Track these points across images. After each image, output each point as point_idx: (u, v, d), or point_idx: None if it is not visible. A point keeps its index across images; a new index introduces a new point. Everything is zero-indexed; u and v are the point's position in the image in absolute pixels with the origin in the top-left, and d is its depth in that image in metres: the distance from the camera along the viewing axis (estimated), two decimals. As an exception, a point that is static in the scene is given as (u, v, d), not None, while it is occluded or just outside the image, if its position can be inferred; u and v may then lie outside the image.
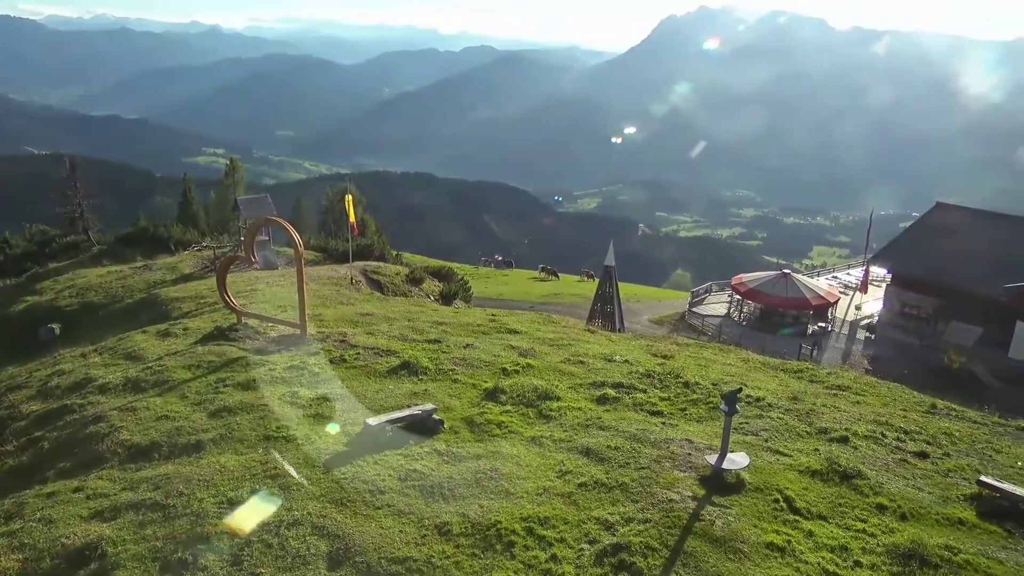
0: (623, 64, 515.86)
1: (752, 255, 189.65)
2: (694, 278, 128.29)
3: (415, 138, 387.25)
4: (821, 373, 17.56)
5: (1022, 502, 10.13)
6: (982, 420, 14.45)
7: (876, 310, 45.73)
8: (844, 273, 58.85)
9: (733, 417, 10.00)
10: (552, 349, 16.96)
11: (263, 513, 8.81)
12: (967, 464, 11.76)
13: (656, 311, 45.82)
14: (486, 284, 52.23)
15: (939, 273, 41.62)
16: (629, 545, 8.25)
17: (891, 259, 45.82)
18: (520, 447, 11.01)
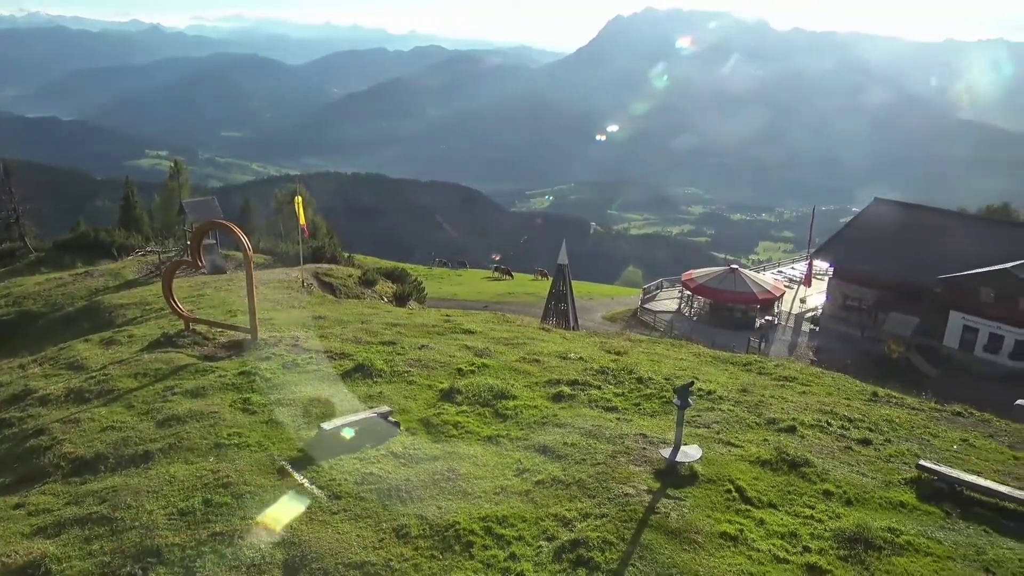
0: (573, 64, 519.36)
1: (701, 251, 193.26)
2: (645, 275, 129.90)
3: (365, 138, 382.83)
4: (769, 365, 18.02)
5: (958, 484, 10.60)
6: (920, 406, 15.06)
7: (820, 303, 47.15)
8: (789, 267, 60.53)
9: (685, 411, 10.22)
10: (507, 348, 17.01)
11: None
12: (907, 449, 12.24)
13: (609, 308, 46.33)
14: (440, 284, 52.03)
15: (878, 266, 43.14)
16: (587, 540, 8.36)
17: (833, 253, 47.31)
18: (477, 447, 11.03)
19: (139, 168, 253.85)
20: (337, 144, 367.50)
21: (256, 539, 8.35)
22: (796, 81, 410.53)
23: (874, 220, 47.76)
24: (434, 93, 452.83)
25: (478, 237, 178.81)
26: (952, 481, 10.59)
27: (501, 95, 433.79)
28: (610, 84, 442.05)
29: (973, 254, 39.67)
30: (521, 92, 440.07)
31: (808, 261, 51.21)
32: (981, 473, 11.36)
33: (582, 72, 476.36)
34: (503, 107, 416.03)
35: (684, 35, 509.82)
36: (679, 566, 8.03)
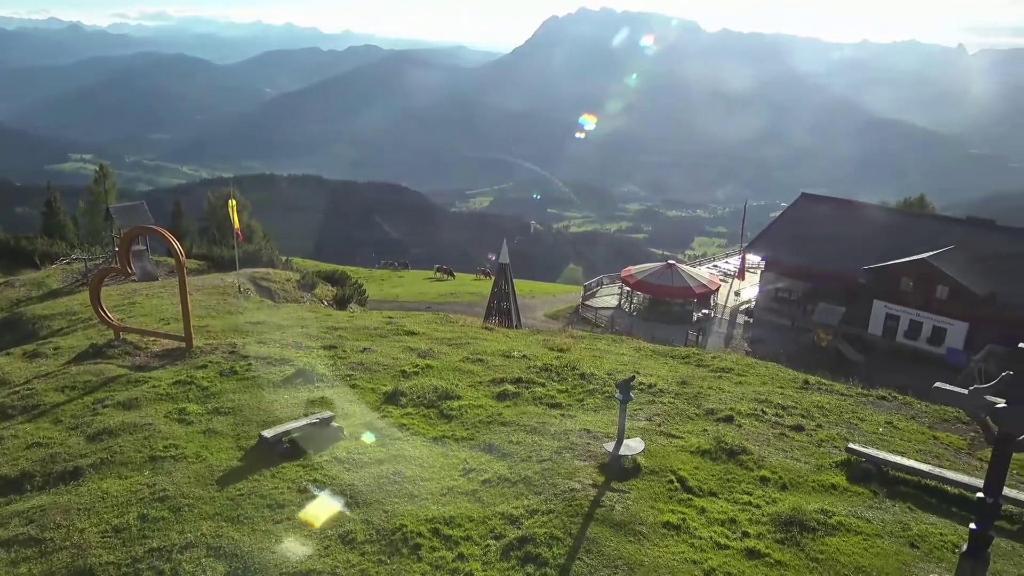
0: (509, 63, 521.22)
1: (639, 248, 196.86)
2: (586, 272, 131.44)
3: (302, 140, 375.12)
4: (707, 357, 18.51)
5: (884, 465, 11.14)
6: (848, 392, 15.73)
7: (753, 295, 48.67)
8: (723, 262, 62.23)
9: (628, 404, 10.41)
10: (451, 348, 16.99)
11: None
12: (837, 433, 12.78)
13: (551, 306, 46.72)
14: (381, 286, 51.48)
15: (806, 259, 44.81)
16: (534, 537, 8.45)
17: (764, 248, 48.92)
18: (423, 448, 10.99)
19: (62, 173, 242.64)
20: (272, 145, 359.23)
21: (196, 553, 8.14)
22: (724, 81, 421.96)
23: (801, 215, 49.59)
24: (371, 93, 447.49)
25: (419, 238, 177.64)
26: (879, 462, 11.12)
27: (438, 95, 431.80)
28: (546, 84, 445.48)
29: (894, 245, 41.61)
30: (458, 92, 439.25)
31: (741, 256, 52.78)
32: (905, 453, 11.95)
33: (518, 72, 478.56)
34: (440, 107, 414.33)
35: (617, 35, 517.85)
36: (624, 557, 8.20)
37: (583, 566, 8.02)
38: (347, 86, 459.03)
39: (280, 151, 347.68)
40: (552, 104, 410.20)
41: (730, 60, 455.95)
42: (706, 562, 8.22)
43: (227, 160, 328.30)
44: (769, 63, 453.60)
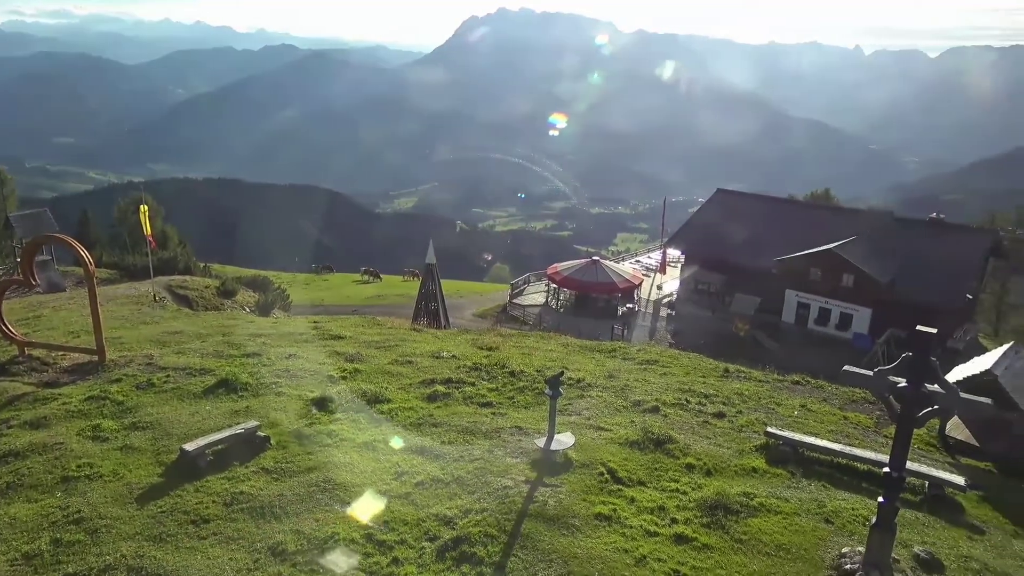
0: (429, 63, 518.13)
1: (564, 245, 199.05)
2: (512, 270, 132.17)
3: (217, 141, 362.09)
4: (632, 350, 18.98)
5: (800, 446, 11.72)
6: (765, 378, 16.46)
7: (674, 288, 50.10)
8: (645, 257, 63.85)
9: (557, 400, 10.59)
10: (379, 351, 16.81)
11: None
12: (756, 419, 13.36)
13: (479, 305, 46.76)
14: (306, 291, 50.27)
15: (723, 252, 46.47)
16: (469, 536, 8.48)
17: (683, 242, 50.43)
18: (353, 454, 10.85)
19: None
20: (186, 148, 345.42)
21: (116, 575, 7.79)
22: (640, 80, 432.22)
23: (717, 209, 51.38)
24: (289, 93, 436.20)
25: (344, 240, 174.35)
26: (795, 444, 11.70)
27: (358, 95, 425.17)
28: (467, 83, 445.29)
29: (803, 237, 43.63)
30: (379, 92, 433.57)
31: (662, 250, 54.21)
32: (818, 434, 12.61)
33: (439, 71, 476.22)
34: (361, 107, 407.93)
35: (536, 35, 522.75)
36: (559, 551, 8.34)
37: (518, 562, 8.11)
38: (264, 86, 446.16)
39: (195, 154, 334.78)
40: (473, 103, 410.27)
41: (646, 60, 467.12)
42: (637, 550, 8.45)
43: (138, 164, 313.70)
44: (684, 63, 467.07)
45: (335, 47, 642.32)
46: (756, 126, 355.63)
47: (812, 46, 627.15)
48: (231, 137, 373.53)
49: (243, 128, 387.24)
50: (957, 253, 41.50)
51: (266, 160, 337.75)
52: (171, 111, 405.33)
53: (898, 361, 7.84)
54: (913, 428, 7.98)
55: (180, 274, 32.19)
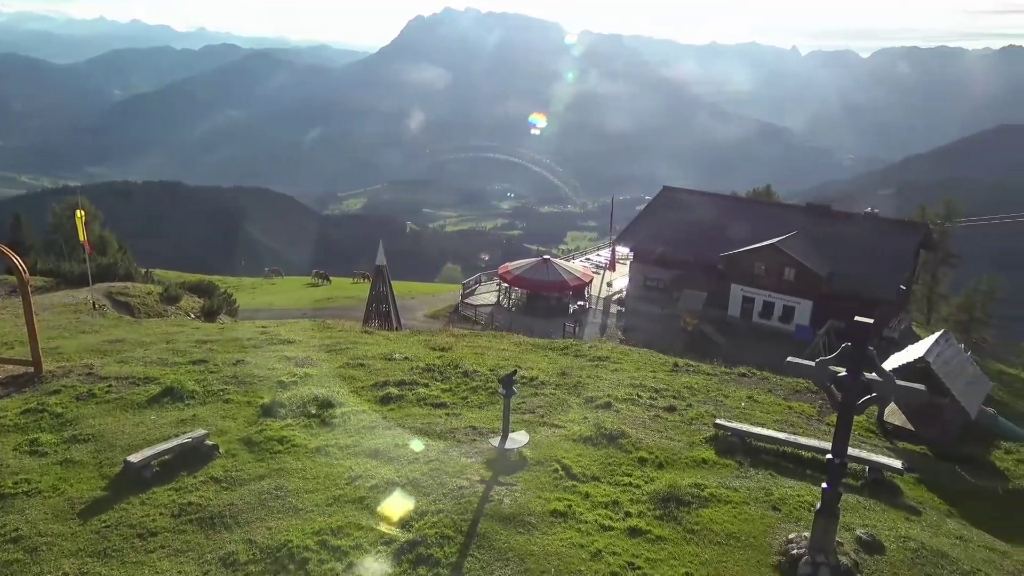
0: (375, 63, 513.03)
1: (515, 244, 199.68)
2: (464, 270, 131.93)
3: (158, 144, 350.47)
4: (584, 348, 19.19)
5: (748, 436, 12.04)
6: (713, 371, 16.85)
7: (624, 285, 50.76)
8: (595, 255, 64.47)
9: (511, 399, 10.64)
10: (330, 355, 16.60)
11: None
12: (705, 411, 13.67)
13: (431, 306, 46.50)
14: (253, 295, 49.18)
15: (670, 248, 47.31)
16: (425, 539, 8.45)
17: (631, 239, 51.13)
18: (305, 460, 10.69)
19: None
20: (125, 151, 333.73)
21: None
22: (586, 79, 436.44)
23: (664, 207, 52.27)
24: (231, 94, 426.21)
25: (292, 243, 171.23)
26: (743, 434, 12.01)
27: (303, 95, 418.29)
28: (414, 83, 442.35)
29: (746, 232, 44.73)
30: (324, 92, 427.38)
31: (611, 248, 54.85)
32: (765, 424, 12.98)
33: (385, 71, 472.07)
34: (306, 107, 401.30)
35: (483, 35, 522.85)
36: (515, 549, 8.38)
37: (475, 562, 8.13)
38: (205, 86, 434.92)
39: (133, 156, 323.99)
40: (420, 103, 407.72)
41: (590, 60, 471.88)
42: (592, 545, 8.56)
43: (73, 168, 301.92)
44: (629, 63, 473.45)
45: (278, 46, 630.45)
46: (698, 125, 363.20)
47: (751, 46, 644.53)
48: (173, 139, 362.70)
49: (185, 129, 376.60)
50: (891, 246, 43.18)
51: (210, 162, 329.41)
52: (108, 112, 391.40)
53: (838, 351, 8.14)
54: (853, 415, 8.29)
55: (121, 280, 31.13)
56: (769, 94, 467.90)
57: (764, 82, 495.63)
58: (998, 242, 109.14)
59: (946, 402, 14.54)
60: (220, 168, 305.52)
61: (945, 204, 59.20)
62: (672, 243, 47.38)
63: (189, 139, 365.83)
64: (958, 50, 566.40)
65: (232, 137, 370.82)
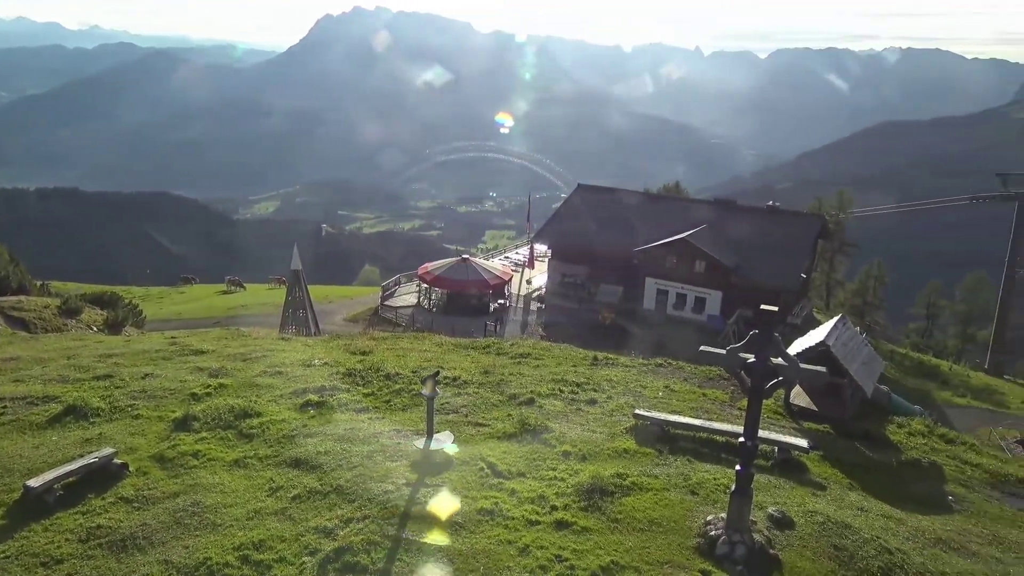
0: (283, 63, 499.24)
1: (433, 244, 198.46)
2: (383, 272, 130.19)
3: (51, 148, 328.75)
4: (505, 345, 19.35)
5: (666, 425, 12.46)
6: (631, 363, 17.33)
7: (543, 282, 51.37)
8: (514, 253, 64.88)
9: (435, 400, 10.63)
10: (245, 364, 16.10)
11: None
12: (625, 402, 14.04)
13: (350, 309, 45.64)
14: (160, 305, 46.94)
15: (586, 244, 48.20)
16: (352, 546, 8.34)
17: (549, 237, 51.82)
18: (223, 474, 10.35)
19: None
20: (14, 156, 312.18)
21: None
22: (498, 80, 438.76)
23: (579, 204, 53.20)
24: (130, 95, 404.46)
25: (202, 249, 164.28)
26: (661, 423, 12.42)
27: (208, 96, 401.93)
28: (324, 83, 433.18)
29: (659, 227, 46.09)
30: (231, 93, 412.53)
31: (529, 245, 55.38)
32: (681, 412, 13.46)
33: (294, 71, 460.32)
34: (211, 109, 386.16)
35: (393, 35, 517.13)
36: (444, 550, 8.39)
37: (403, 566, 8.09)
38: (102, 87, 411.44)
39: (24, 162, 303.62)
40: (330, 103, 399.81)
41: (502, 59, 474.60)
42: (520, 540, 8.67)
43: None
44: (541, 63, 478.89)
45: (180, 45, 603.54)
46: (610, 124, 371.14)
47: (656, 47, 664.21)
48: (69, 143, 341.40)
49: (81, 133, 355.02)
50: (791, 237, 45.49)
51: (109, 167, 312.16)
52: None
53: (747, 339, 8.55)
54: (762, 399, 8.73)
55: (13, 294, 29.22)
56: (675, 93, 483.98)
57: (670, 82, 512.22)
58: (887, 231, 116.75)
59: (845, 382, 15.47)
60: (122, 173, 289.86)
61: (838, 196, 62.76)
62: (588, 239, 48.28)
63: (87, 143, 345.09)
64: (846, 51, 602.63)
65: (134, 140, 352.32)
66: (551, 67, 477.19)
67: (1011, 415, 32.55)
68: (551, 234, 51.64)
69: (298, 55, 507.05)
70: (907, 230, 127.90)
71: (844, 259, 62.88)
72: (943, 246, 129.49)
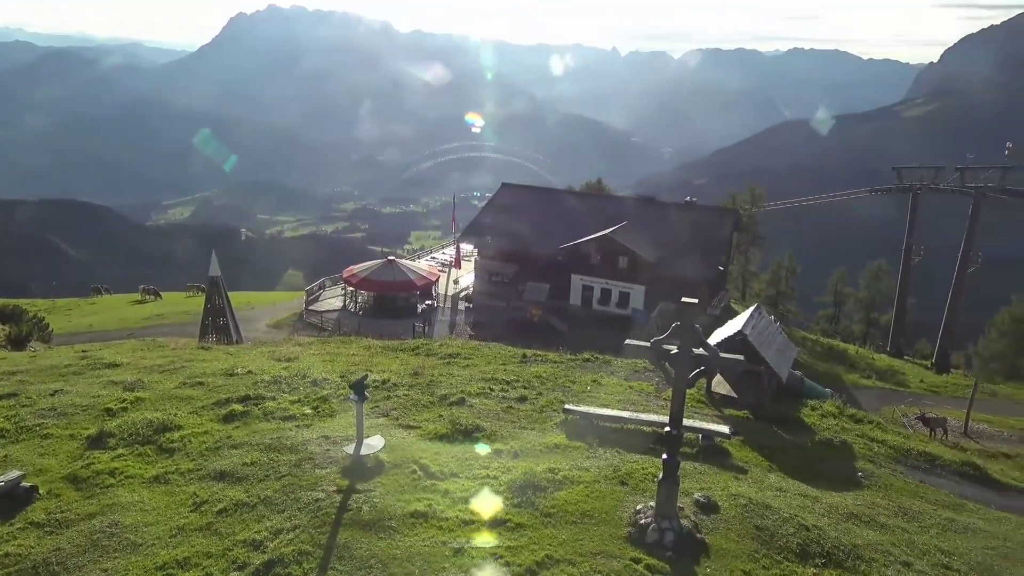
0: (195, 63, 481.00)
1: (358, 247, 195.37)
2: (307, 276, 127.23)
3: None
4: (434, 346, 19.29)
5: (595, 418, 12.72)
6: (560, 359, 17.60)
7: (470, 282, 51.38)
8: (440, 253, 64.64)
9: (364, 404, 10.50)
10: (164, 376, 15.47)
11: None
12: (555, 398, 14.25)
13: (273, 315, 44.40)
14: (69, 318, 44.35)
15: (512, 243, 48.51)
16: (282, 558, 8.16)
17: (475, 236, 51.87)
18: (142, 491, 9.93)
19: None
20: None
21: None
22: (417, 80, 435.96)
23: (504, 203, 53.47)
24: (28, 97, 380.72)
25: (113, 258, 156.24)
26: (590, 416, 12.68)
27: (115, 98, 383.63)
28: (238, 83, 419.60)
29: (582, 224, 46.85)
30: (139, 94, 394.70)
31: (455, 245, 55.27)
32: (609, 405, 13.77)
33: (206, 71, 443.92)
34: (120, 111, 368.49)
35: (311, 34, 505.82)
36: (377, 555, 8.31)
37: (336, 574, 7.97)
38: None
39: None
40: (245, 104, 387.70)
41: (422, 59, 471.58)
42: (455, 540, 8.67)
43: None
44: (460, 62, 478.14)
45: (82, 44, 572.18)
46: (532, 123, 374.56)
47: (576, 47, 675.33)
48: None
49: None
50: (709, 231, 47.08)
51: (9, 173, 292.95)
52: None
53: (670, 331, 8.83)
54: (686, 388, 9.04)
55: None
56: (594, 93, 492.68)
57: (589, 82, 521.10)
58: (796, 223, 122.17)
59: (762, 369, 16.17)
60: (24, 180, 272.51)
61: (751, 191, 65.30)
62: (513, 238, 48.58)
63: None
64: (754, 52, 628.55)
65: (34, 145, 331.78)
66: (472, 66, 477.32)
67: (911, 393, 34.66)
68: (476, 233, 51.70)
69: (210, 55, 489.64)
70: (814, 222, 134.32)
71: (757, 251, 65.47)
72: (849, 236, 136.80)
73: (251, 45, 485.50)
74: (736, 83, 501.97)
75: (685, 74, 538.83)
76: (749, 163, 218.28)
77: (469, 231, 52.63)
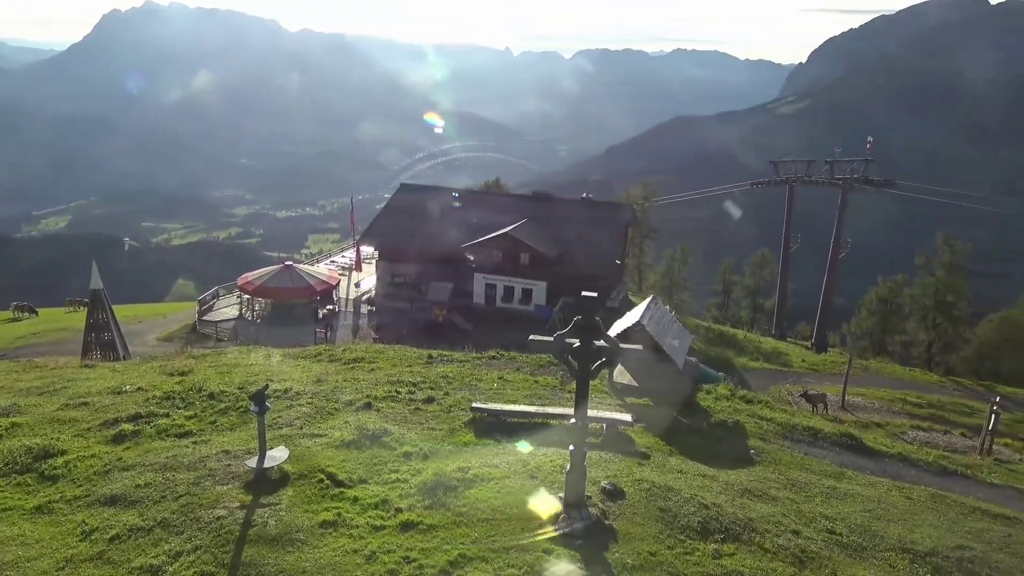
0: (63, 63, 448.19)
1: (253, 253, 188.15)
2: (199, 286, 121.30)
3: None
4: (337, 351, 18.91)
5: (502, 415, 12.87)
6: (465, 358, 17.67)
7: (372, 284, 50.59)
8: (340, 256, 63.22)
9: (265, 415, 10.17)
10: (42, 398, 14.40)
11: None
12: (462, 397, 14.29)
13: (163, 327, 42.09)
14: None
15: (413, 244, 48.15)
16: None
17: (374, 238, 51.11)
18: (23, 523, 9.23)
19: None
20: None
21: None
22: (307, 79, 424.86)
23: (404, 204, 52.95)
24: None
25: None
26: (498, 413, 12.82)
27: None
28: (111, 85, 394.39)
29: (483, 223, 47.09)
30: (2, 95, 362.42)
31: (355, 248, 54.23)
32: (516, 401, 13.96)
33: (76, 72, 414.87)
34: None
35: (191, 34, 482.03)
36: (286, 569, 8.10)
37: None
38: None
39: None
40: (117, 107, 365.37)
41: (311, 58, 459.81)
42: (366, 547, 8.58)
43: None
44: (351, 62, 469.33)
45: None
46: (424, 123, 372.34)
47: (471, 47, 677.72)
48: None
49: None
50: (605, 226, 48.45)
51: None
52: None
53: (571, 325, 9.07)
54: (589, 380, 9.31)
55: None
56: (487, 93, 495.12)
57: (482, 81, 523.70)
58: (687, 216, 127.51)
59: (660, 356, 16.84)
60: None
61: (643, 187, 67.72)
62: (415, 238, 48.22)
63: None
64: (640, 52, 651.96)
65: None
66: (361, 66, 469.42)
67: (795, 372, 37.07)
68: (376, 235, 50.94)
69: (80, 54, 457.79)
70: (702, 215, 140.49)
71: (651, 244, 67.97)
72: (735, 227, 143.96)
73: (126, 44, 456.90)
74: (622, 81, 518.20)
75: (575, 73, 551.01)
76: (641, 159, 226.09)
77: (369, 233, 51.81)
